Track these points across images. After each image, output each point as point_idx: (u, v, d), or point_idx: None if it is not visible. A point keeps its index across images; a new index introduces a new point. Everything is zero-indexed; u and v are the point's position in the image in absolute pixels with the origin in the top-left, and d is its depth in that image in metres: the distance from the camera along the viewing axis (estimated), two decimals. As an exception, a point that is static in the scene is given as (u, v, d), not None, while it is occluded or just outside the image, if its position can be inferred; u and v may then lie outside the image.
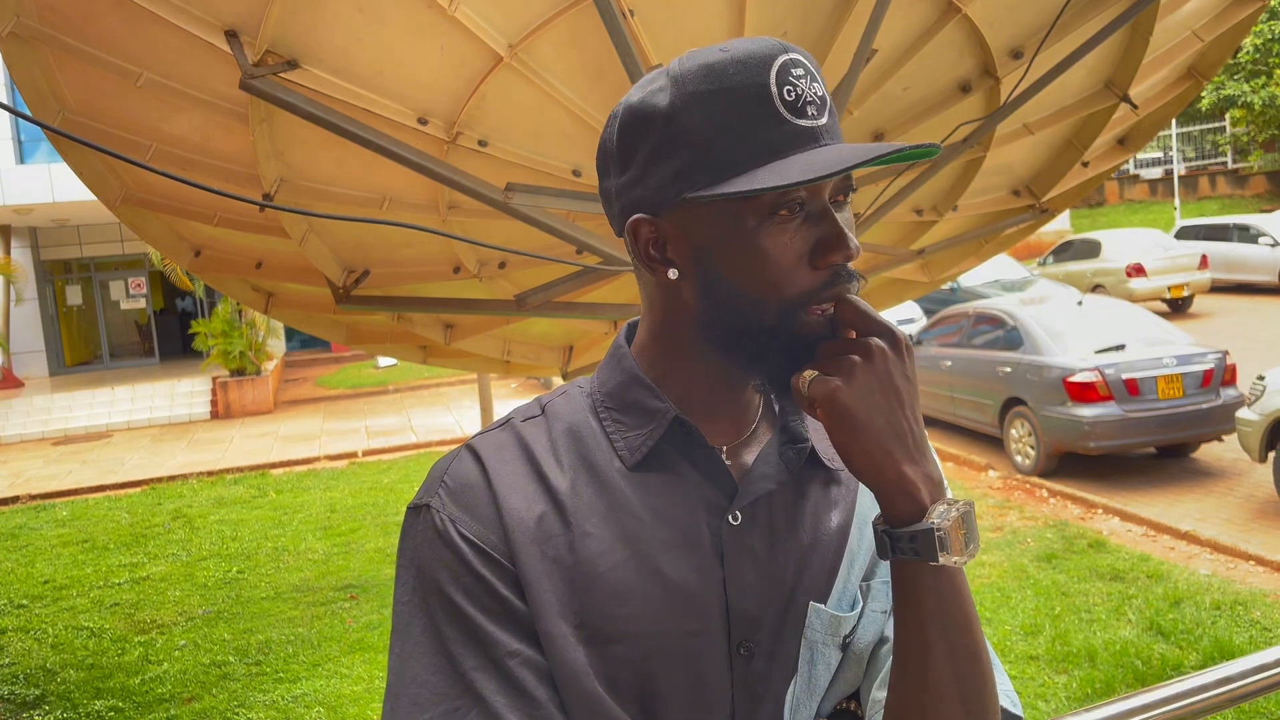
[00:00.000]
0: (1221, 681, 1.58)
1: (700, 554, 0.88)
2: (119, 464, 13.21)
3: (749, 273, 0.85)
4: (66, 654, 6.54)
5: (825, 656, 0.90)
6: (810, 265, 0.84)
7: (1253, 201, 23.53)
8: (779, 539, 0.91)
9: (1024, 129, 4.29)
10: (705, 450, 0.91)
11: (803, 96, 0.82)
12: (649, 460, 0.90)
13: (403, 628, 0.86)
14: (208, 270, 4.43)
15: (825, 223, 0.84)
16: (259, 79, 2.82)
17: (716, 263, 0.87)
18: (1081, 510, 8.18)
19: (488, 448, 0.92)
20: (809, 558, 0.91)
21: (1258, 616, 5.76)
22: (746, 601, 0.87)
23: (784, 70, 0.82)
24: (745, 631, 0.87)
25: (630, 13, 2.97)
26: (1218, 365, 8.84)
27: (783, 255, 0.84)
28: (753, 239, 0.84)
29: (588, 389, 0.98)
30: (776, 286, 0.84)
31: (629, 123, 0.88)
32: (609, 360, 0.98)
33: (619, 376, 0.95)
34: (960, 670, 0.82)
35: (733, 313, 0.87)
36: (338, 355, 21.89)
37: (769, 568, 0.89)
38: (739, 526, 0.89)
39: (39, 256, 19.82)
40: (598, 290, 4.53)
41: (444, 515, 0.87)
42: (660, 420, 0.91)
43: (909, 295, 6.10)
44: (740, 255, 0.85)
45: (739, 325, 0.87)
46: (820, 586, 0.91)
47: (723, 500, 0.90)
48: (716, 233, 0.86)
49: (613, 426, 0.93)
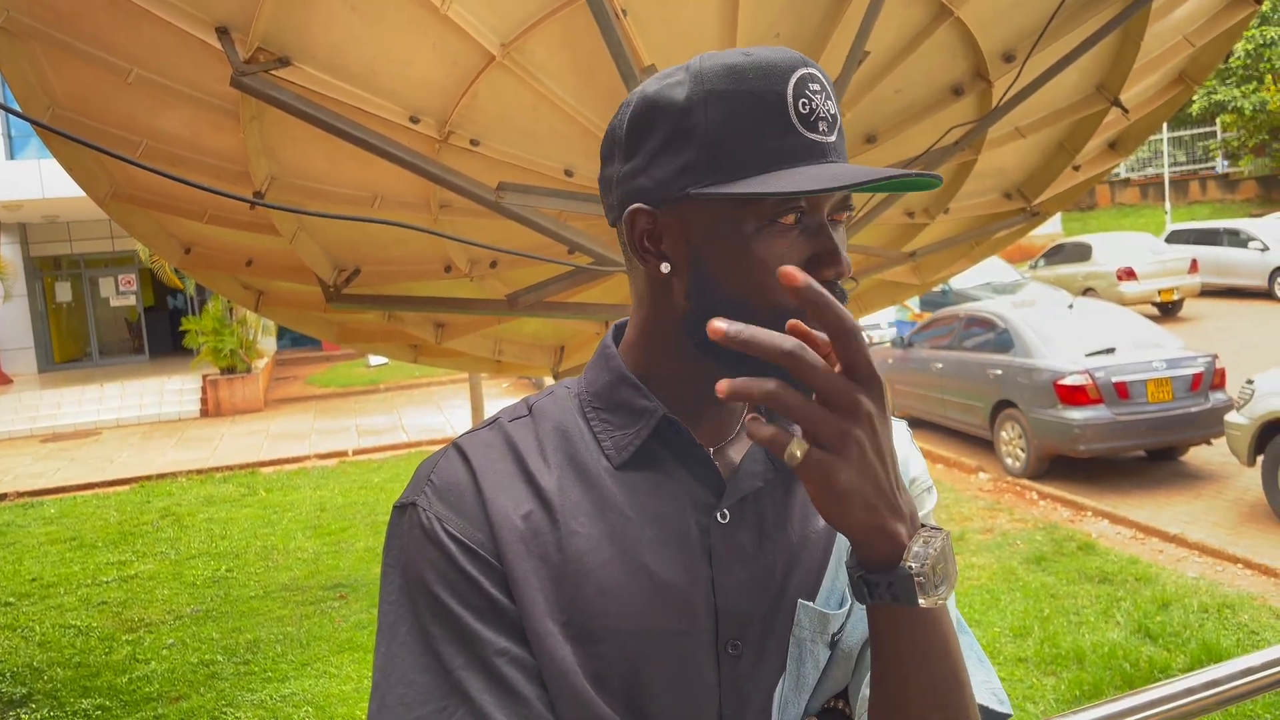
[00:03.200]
0: (1209, 684, 1.59)
1: (688, 552, 0.87)
2: (108, 462, 13.15)
3: (741, 277, 0.85)
4: (54, 652, 6.51)
5: (814, 654, 0.90)
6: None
7: (1243, 206, 23.63)
8: (767, 537, 0.90)
9: (1016, 132, 4.29)
10: (693, 449, 0.90)
11: (816, 112, 0.83)
12: (636, 459, 0.90)
13: (389, 627, 0.86)
14: (198, 268, 4.41)
15: (821, 237, 0.85)
16: (250, 76, 2.81)
17: (709, 262, 0.87)
18: (1071, 513, 8.21)
19: (474, 446, 0.91)
20: (798, 556, 0.91)
21: (1245, 619, 5.78)
22: (734, 600, 0.87)
23: (802, 83, 0.83)
24: (733, 630, 0.87)
25: (623, 13, 2.96)
26: (1207, 369, 8.88)
27: (776, 263, 0.83)
28: (749, 243, 0.84)
29: (575, 389, 0.97)
30: (765, 294, 0.84)
31: (642, 111, 0.88)
32: (596, 360, 0.98)
33: (606, 376, 0.95)
34: (939, 695, 0.82)
35: (719, 315, 0.87)
36: (328, 354, 21.85)
37: (757, 566, 0.89)
38: (727, 525, 0.89)
39: (28, 253, 19.73)
40: (589, 290, 4.53)
41: (430, 514, 0.87)
42: (648, 419, 0.90)
43: (901, 297, 6.12)
44: (734, 258, 0.85)
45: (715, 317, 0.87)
46: (809, 584, 0.90)
47: (710, 498, 0.90)
48: (714, 232, 0.86)
49: (600, 426, 0.92)
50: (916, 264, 5.31)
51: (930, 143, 3.76)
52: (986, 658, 1.00)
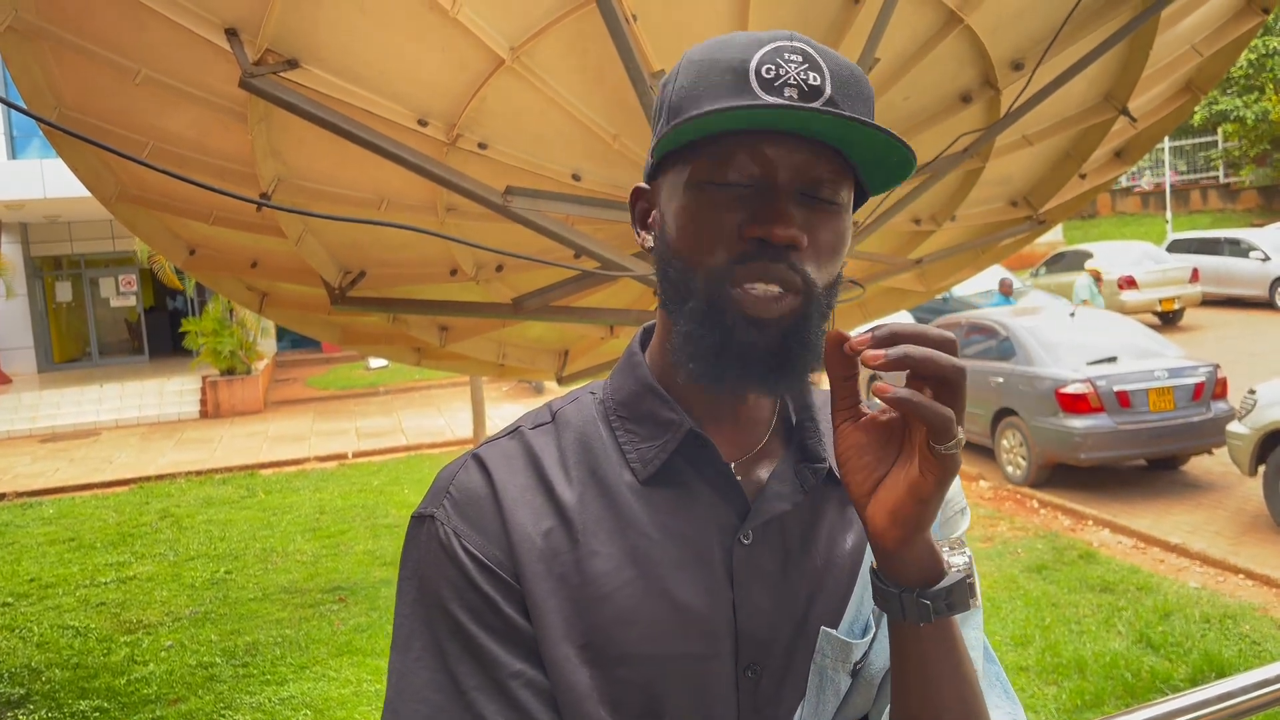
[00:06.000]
0: (1222, 697, 1.57)
1: (710, 574, 0.85)
2: (107, 462, 13.12)
3: (683, 236, 0.84)
4: (52, 653, 6.48)
5: (834, 682, 0.87)
6: (739, 236, 0.81)
7: (1244, 216, 23.65)
8: (792, 561, 0.88)
9: (1023, 140, 4.29)
10: (718, 466, 0.88)
11: (783, 77, 0.79)
12: (661, 474, 0.88)
13: (404, 641, 0.85)
14: (202, 269, 4.40)
15: (767, 198, 0.81)
16: (258, 78, 2.80)
17: (666, 226, 0.87)
18: (1072, 521, 8.19)
19: (495, 458, 0.89)
20: (822, 581, 0.89)
21: (1247, 630, 5.77)
22: (756, 624, 0.85)
23: (775, 52, 0.80)
24: (754, 654, 0.85)
25: (633, 17, 2.96)
26: (1209, 378, 8.88)
27: (715, 219, 0.82)
28: (690, 199, 0.83)
29: (600, 395, 0.95)
30: (702, 252, 0.82)
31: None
32: (622, 366, 0.96)
33: (632, 385, 0.93)
34: (968, 706, 0.82)
35: (669, 282, 0.86)
36: (328, 356, 21.82)
37: (780, 590, 0.87)
38: (750, 547, 0.86)
39: (29, 252, 19.71)
40: (595, 295, 4.52)
41: (448, 528, 0.85)
42: (674, 433, 0.88)
43: (906, 304, 6.11)
44: (677, 216, 0.85)
45: (673, 295, 0.86)
46: (833, 611, 0.88)
47: (734, 519, 0.87)
48: (670, 195, 0.86)
49: (625, 437, 0.90)
50: (922, 271, 5.31)
51: (939, 150, 3.76)
52: (1013, 690, 0.98)
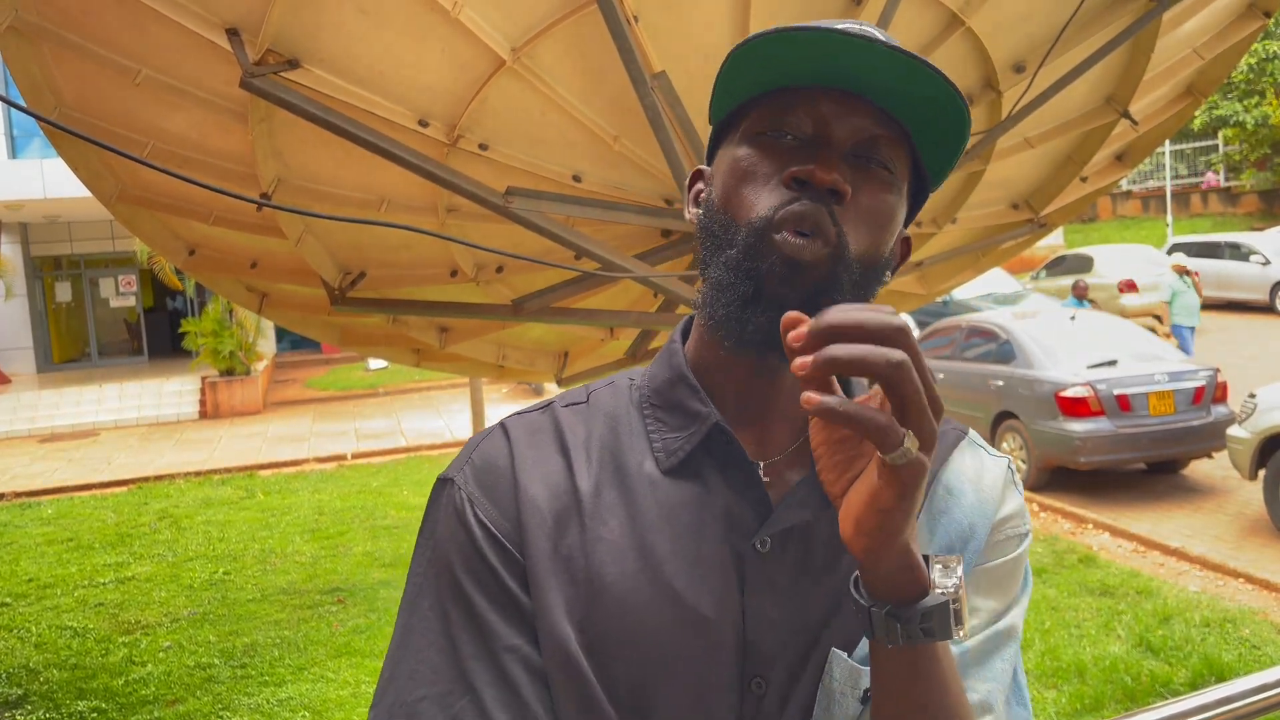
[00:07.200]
0: (1222, 701, 1.57)
1: (720, 577, 0.81)
2: (105, 463, 13.11)
3: (729, 190, 0.83)
4: (50, 653, 6.47)
5: (843, 707, 0.81)
6: (781, 183, 0.80)
7: (1244, 220, 23.65)
8: (809, 575, 0.83)
9: (1024, 143, 4.29)
10: (742, 465, 0.84)
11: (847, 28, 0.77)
12: (683, 467, 0.85)
13: (413, 596, 0.86)
14: (202, 269, 4.39)
15: (811, 148, 0.80)
16: (259, 78, 2.80)
17: (714, 189, 0.86)
18: (1072, 525, 8.19)
19: (520, 430, 0.90)
20: (843, 602, 0.82)
21: (1247, 634, 5.76)
22: (764, 636, 0.81)
23: (828, 27, 0.78)
24: (758, 667, 0.81)
25: (634, 19, 2.96)
26: (1209, 382, 8.87)
27: (762, 169, 0.81)
28: (737, 154, 0.83)
29: (638, 381, 0.94)
30: (746, 204, 0.81)
31: None
32: (662, 354, 0.94)
33: (666, 373, 0.91)
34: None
35: (710, 237, 0.84)
36: (328, 357, 21.81)
37: (792, 604, 0.82)
38: (766, 554, 0.82)
39: (29, 252, 19.70)
40: (595, 296, 4.51)
41: (464, 493, 0.86)
42: (700, 425, 0.86)
43: (906, 307, 6.11)
44: (726, 173, 0.84)
45: (712, 249, 0.84)
46: (849, 634, 0.82)
47: (753, 522, 0.83)
48: (721, 162, 0.86)
49: (654, 425, 0.88)
50: (923, 273, 5.31)
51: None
52: (1028, 693, 0.93)
